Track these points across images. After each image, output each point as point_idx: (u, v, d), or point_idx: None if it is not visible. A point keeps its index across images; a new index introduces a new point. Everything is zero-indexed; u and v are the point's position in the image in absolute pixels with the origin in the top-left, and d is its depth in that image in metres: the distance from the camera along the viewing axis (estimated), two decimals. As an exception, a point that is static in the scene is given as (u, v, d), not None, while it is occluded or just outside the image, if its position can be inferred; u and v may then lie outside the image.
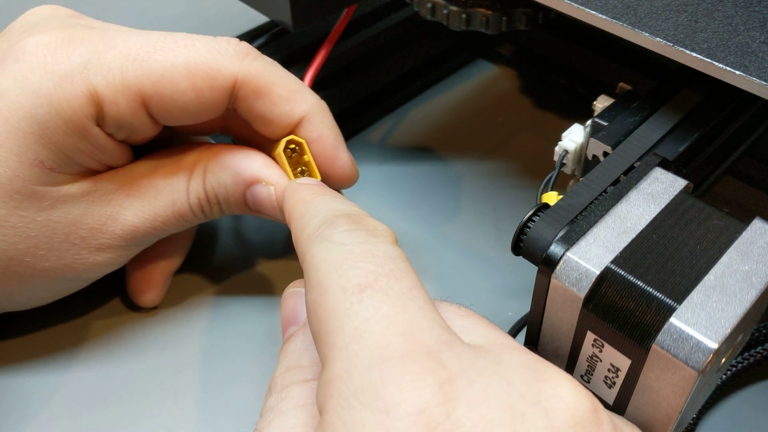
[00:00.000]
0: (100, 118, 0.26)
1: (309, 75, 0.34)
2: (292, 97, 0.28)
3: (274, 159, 0.29)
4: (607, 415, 0.19)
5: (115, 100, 0.26)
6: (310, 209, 0.24)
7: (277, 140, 0.29)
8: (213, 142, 0.31)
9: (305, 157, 0.29)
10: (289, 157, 0.29)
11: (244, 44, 0.28)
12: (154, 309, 0.32)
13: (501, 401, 0.17)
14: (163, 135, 0.30)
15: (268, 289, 0.33)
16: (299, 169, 0.29)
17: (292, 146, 0.29)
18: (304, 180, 0.28)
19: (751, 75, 0.22)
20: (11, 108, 0.25)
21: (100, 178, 0.28)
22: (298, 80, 0.29)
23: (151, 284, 0.31)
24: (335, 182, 0.30)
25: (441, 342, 0.19)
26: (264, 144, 0.30)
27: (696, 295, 0.20)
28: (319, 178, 0.29)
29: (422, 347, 0.18)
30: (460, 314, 0.22)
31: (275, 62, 0.29)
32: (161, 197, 0.28)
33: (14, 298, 0.28)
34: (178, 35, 0.27)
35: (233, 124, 0.31)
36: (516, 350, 0.20)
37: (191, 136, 0.33)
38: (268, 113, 0.28)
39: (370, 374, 0.18)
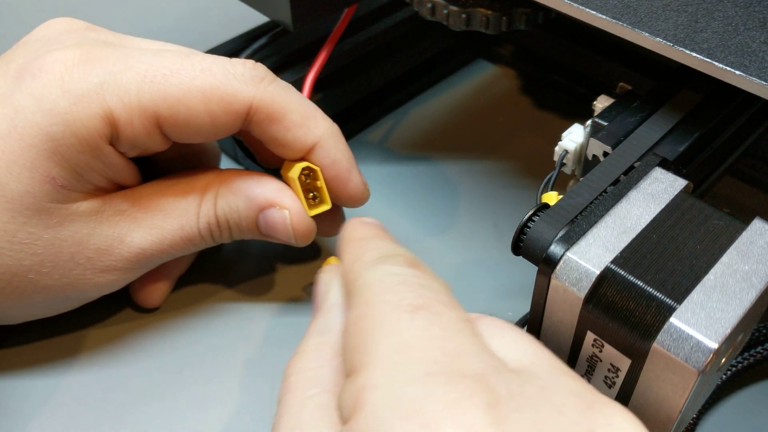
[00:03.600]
0: (114, 137, 0.26)
1: (311, 76, 0.34)
2: (305, 123, 0.28)
3: (285, 180, 0.30)
4: None
5: (130, 121, 0.26)
6: (371, 244, 0.24)
7: (290, 160, 0.29)
8: (223, 167, 0.31)
9: (318, 183, 0.29)
10: (302, 183, 0.29)
11: (261, 67, 0.28)
12: (154, 310, 0.32)
13: (552, 430, 0.16)
14: (176, 153, 0.30)
15: (269, 290, 0.33)
16: (311, 194, 0.29)
17: (306, 172, 0.29)
18: (368, 219, 0.28)
19: (751, 75, 0.22)
20: (27, 125, 0.25)
21: (109, 199, 0.28)
22: (312, 105, 0.29)
23: (156, 287, 0.31)
24: (347, 203, 0.30)
25: (489, 366, 0.18)
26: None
27: (696, 295, 0.20)
28: (330, 204, 0.29)
29: (469, 369, 0.17)
30: (506, 329, 0.21)
31: (290, 86, 0.29)
32: (170, 221, 0.28)
33: (11, 313, 0.28)
34: (195, 57, 0.27)
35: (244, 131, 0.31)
36: (564, 374, 0.19)
37: (204, 154, 0.33)
38: (282, 138, 0.28)
39: (412, 387, 0.17)
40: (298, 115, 0.28)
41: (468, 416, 0.16)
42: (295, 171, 0.29)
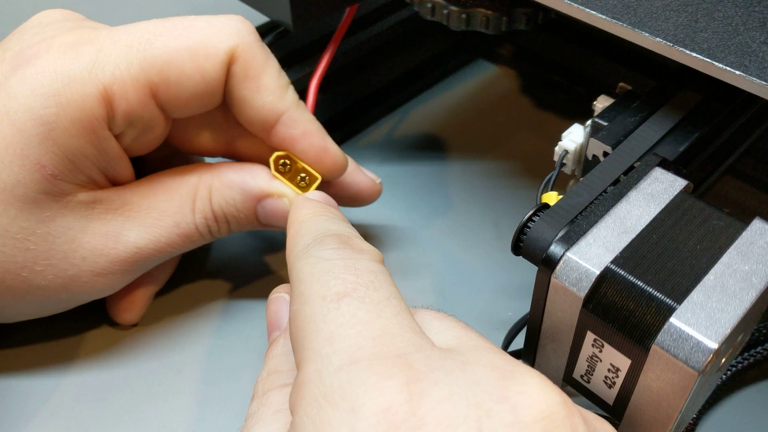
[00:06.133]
0: (110, 117, 0.26)
1: (316, 77, 0.34)
2: (277, 91, 0.28)
3: None
4: (577, 408, 0.19)
5: (124, 94, 0.26)
6: (304, 228, 0.25)
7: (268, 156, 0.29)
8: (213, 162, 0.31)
9: (298, 164, 0.29)
10: (284, 173, 0.29)
11: (248, 24, 0.28)
12: (154, 308, 0.32)
13: (467, 399, 0.17)
14: (166, 154, 0.30)
15: (268, 291, 0.33)
16: (299, 177, 0.29)
17: (282, 162, 0.29)
18: (312, 194, 0.29)
19: (751, 75, 0.22)
20: (19, 109, 0.25)
21: (102, 194, 0.27)
22: (287, 79, 0.29)
23: (132, 305, 0.31)
24: (330, 174, 0.30)
25: (410, 345, 0.19)
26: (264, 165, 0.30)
27: (696, 295, 0.20)
28: (320, 177, 0.29)
29: (391, 350, 0.19)
30: (437, 317, 0.22)
31: (272, 55, 0.29)
32: (165, 219, 0.28)
33: (4, 312, 0.28)
34: (176, 18, 0.27)
35: (236, 147, 0.31)
36: (486, 351, 0.20)
37: (193, 156, 0.33)
38: (251, 100, 0.28)
39: (339, 375, 0.18)
40: (273, 80, 0.28)
41: (387, 396, 0.17)
42: (271, 167, 0.29)
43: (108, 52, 0.26)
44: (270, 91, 0.28)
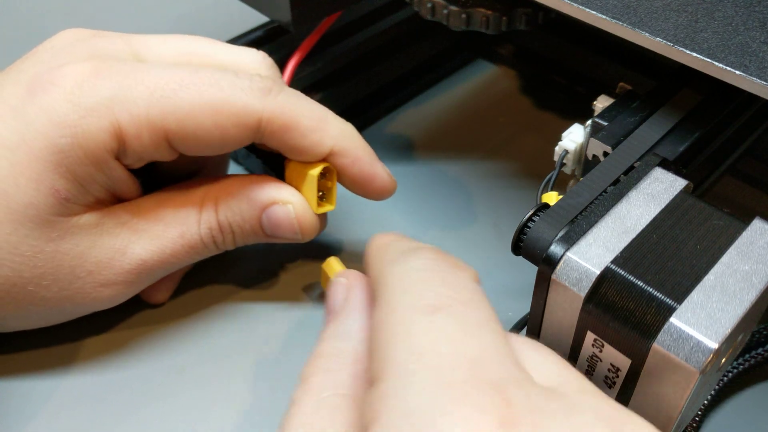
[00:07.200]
0: (121, 151, 0.26)
1: (286, 77, 0.34)
2: (319, 127, 0.28)
3: (289, 179, 0.30)
4: None
5: (139, 135, 0.26)
6: (394, 245, 0.23)
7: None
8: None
9: (329, 183, 0.29)
10: (317, 182, 0.29)
11: (267, 79, 0.28)
12: (155, 309, 0.32)
13: None
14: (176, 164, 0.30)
15: (270, 291, 0.33)
16: (320, 193, 0.29)
17: (323, 171, 0.29)
18: (390, 233, 0.28)
19: (751, 75, 0.22)
20: (37, 137, 0.25)
21: (109, 211, 0.28)
22: (323, 108, 0.29)
23: (162, 284, 0.31)
24: (376, 197, 0.30)
25: (510, 377, 0.17)
26: None
27: (696, 295, 0.20)
28: (335, 205, 0.30)
29: (489, 379, 0.17)
30: (534, 347, 0.20)
31: (299, 93, 0.29)
32: (170, 230, 0.28)
33: (6, 322, 0.28)
34: (203, 71, 0.27)
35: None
36: (592, 395, 0.18)
37: (202, 171, 0.33)
38: (299, 145, 0.28)
39: (426, 397, 0.16)
40: (311, 120, 0.28)
41: None
42: (316, 169, 0.29)
43: (129, 91, 0.26)
44: (313, 131, 0.28)
